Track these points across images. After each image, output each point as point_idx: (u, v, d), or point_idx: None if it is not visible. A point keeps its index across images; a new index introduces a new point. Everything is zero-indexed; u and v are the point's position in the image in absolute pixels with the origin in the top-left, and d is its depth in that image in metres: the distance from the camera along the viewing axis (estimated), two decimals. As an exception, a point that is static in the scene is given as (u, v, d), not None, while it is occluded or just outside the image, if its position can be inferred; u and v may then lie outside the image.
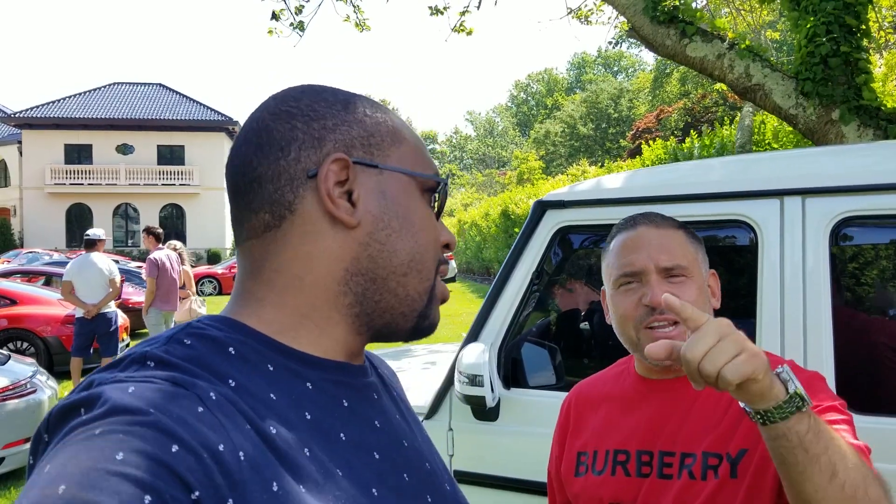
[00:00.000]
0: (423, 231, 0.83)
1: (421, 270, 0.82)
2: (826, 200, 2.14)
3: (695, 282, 1.39)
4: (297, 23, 7.40)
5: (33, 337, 9.73)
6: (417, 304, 0.82)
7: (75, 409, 0.62)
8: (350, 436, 0.75)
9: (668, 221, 1.45)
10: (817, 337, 2.09)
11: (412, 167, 0.83)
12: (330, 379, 0.78)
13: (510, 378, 2.60)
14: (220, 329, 0.74)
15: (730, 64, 5.55)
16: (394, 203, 0.80)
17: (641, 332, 1.39)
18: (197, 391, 0.64)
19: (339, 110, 0.80)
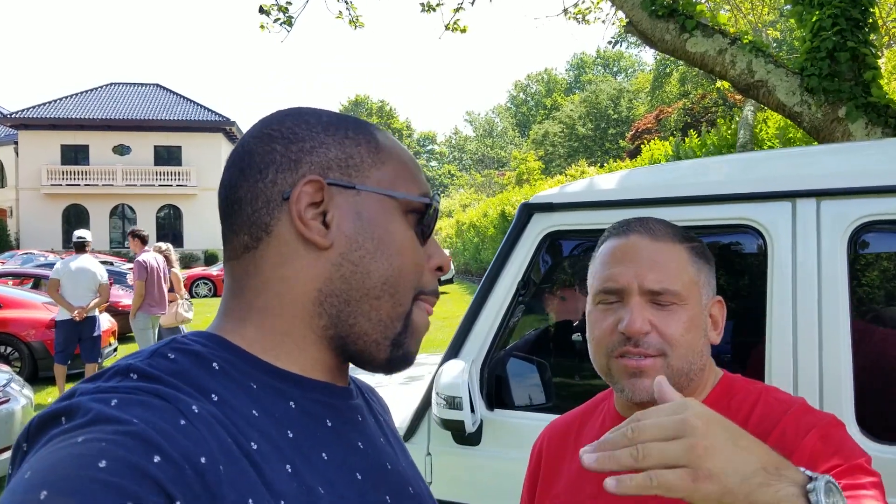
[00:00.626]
0: (400, 254, 0.81)
1: (394, 294, 0.80)
2: (843, 203, 1.91)
3: (687, 311, 1.16)
4: (286, 18, 7.19)
5: (17, 342, 9.51)
6: (390, 330, 0.80)
7: (56, 418, 0.62)
8: (332, 455, 0.76)
9: (668, 232, 1.21)
10: (834, 355, 1.86)
11: (395, 188, 0.82)
12: (314, 399, 0.78)
13: (494, 398, 2.37)
14: (204, 345, 0.75)
15: (731, 60, 5.33)
16: (369, 224, 0.80)
17: (613, 362, 1.18)
18: (179, 404, 0.65)
19: (318, 132, 0.81)
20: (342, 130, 0.82)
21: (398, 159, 0.84)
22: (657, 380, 0.88)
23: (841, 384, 1.85)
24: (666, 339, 1.14)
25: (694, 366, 1.17)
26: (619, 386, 1.17)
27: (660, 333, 1.14)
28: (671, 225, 1.23)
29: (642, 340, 1.13)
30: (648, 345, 1.14)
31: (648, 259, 1.17)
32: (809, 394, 1.85)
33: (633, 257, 1.18)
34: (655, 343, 1.14)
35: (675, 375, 1.14)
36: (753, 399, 1.18)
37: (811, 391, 1.86)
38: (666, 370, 1.14)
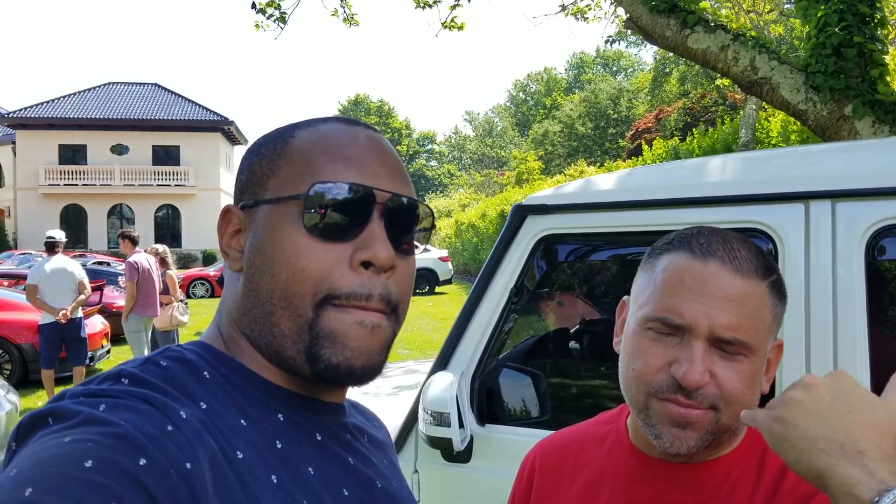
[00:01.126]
0: (283, 263, 0.75)
1: (287, 307, 0.75)
2: (860, 205, 1.77)
3: (753, 364, 0.97)
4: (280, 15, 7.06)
5: (7, 344, 9.35)
6: (299, 344, 0.75)
7: (44, 418, 0.63)
8: (319, 469, 0.75)
9: (753, 264, 0.99)
10: (851, 367, 1.72)
11: (286, 190, 0.77)
12: (304, 414, 0.78)
13: (485, 412, 2.23)
14: (197, 353, 0.76)
15: (734, 56, 5.19)
16: (258, 239, 0.78)
17: (654, 402, 0.99)
18: (167, 410, 0.65)
19: (243, 160, 0.83)
20: (259, 148, 0.82)
21: (304, 156, 0.78)
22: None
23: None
24: (723, 394, 0.96)
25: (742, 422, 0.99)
26: (654, 430, 1.00)
27: (718, 386, 0.96)
28: (757, 251, 1.02)
29: (696, 393, 0.96)
30: (703, 398, 0.96)
31: (726, 299, 0.96)
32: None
33: (710, 293, 0.97)
34: (710, 396, 0.96)
35: (721, 431, 0.98)
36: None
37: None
38: (714, 425, 0.97)
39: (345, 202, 0.75)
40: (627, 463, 1.09)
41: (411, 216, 0.81)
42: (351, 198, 0.75)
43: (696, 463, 1.04)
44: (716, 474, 1.02)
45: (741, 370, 0.97)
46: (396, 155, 0.85)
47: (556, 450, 1.22)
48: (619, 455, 1.11)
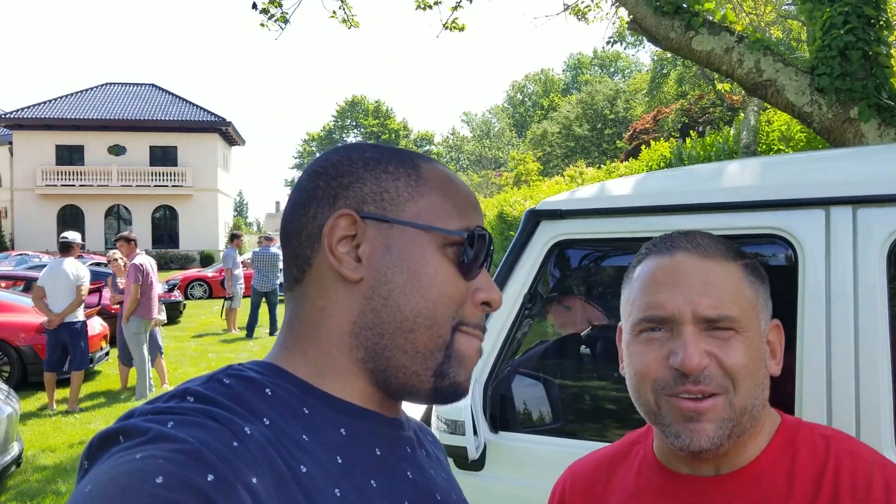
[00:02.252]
0: (434, 287, 0.80)
1: (430, 327, 0.79)
2: (882, 211, 1.74)
3: (747, 339, 0.99)
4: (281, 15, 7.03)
5: (6, 346, 9.30)
6: (430, 361, 0.79)
7: (114, 436, 0.64)
8: (381, 483, 0.76)
9: (719, 248, 1.05)
10: (872, 379, 1.69)
11: (431, 221, 0.81)
12: (364, 427, 0.79)
13: (499, 419, 2.20)
14: (258, 371, 0.77)
15: (739, 58, 5.17)
16: (400, 258, 0.79)
17: (663, 400, 1.00)
18: (232, 426, 0.66)
19: (357, 167, 0.82)
20: (383, 164, 0.83)
21: (441, 192, 0.83)
22: None
23: (881, 409, 1.68)
24: (728, 373, 0.98)
25: (757, 401, 1.01)
26: (671, 430, 1.00)
27: (720, 365, 0.98)
28: (720, 239, 1.07)
29: (702, 376, 0.97)
30: (709, 379, 0.98)
31: (700, 281, 1.00)
32: (845, 419, 1.69)
33: (682, 280, 1.01)
34: (716, 377, 0.98)
35: (739, 415, 0.98)
36: (822, 455, 1.01)
37: (847, 417, 1.69)
38: (728, 410, 0.98)
39: (482, 246, 0.83)
40: (655, 482, 1.09)
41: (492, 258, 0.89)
42: (484, 242, 0.84)
43: (724, 474, 1.02)
44: (744, 485, 1.01)
45: (737, 346, 0.99)
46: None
47: (586, 474, 1.22)
48: (648, 474, 1.11)
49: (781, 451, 1.03)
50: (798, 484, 0.99)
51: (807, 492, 0.98)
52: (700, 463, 1.04)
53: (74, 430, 7.50)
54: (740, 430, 0.99)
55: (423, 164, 0.85)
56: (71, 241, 8.13)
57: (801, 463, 1.01)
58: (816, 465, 1.00)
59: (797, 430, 1.06)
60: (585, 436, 2.14)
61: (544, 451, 2.13)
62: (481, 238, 0.83)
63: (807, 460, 1.01)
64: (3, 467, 5.47)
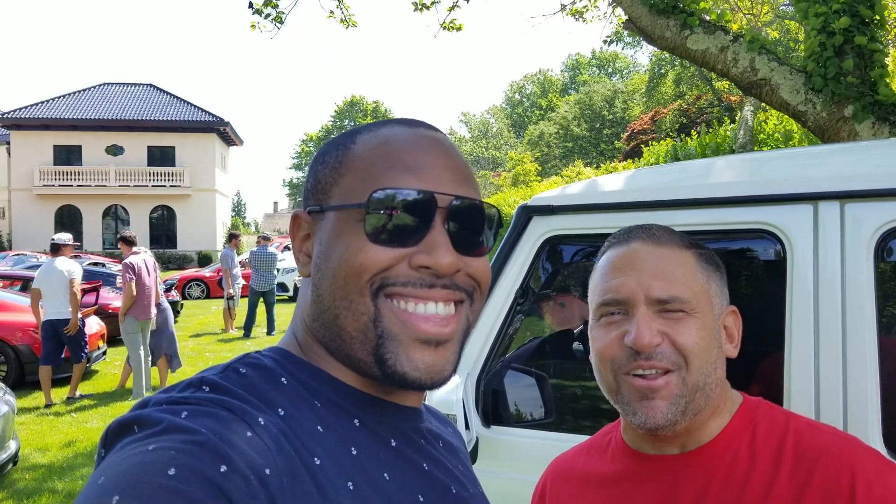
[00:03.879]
0: (343, 262, 0.76)
1: (348, 307, 0.76)
2: (869, 206, 1.75)
3: (699, 320, 1.06)
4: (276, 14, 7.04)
5: (3, 345, 9.32)
6: (367, 344, 0.76)
7: (129, 426, 0.64)
8: (395, 475, 0.75)
9: (673, 238, 1.12)
10: (860, 371, 1.71)
11: (349, 198, 0.78)
12: (379, 418, 0.79)
13: (491, 413, 2.22)
14: (275, 360, 0.77)
15: (734, 57, 5.19)
16: (325, 244, 0.79)
17: (622, 380, 1.07)
18: (247, 417, 0.66)
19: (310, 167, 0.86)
20: (323, 156, 0.84)
21: (364, 164, 0.79)
22: None
23: (867, 401, 1.70)
24: (679, 350, 1.05)
25: (709, 379, 1.07)
26: (630, 409, 1.07)
27: (672, 343, 1.05)
28: (675, 231, 1.15)
29: (655, 352, 1.04)
30: (662, 356, 1.04)
31: (653, 266, 1.08)
32: (832, 411, 1.71)
33: (637, 265, 1.09)
34: (669, 354, 1.05)
35: (691, 392, 1.05)
36: (782, 429, 1.07)
37: (834, 408, 1.71)
38: (682, 386, 1.05)
39: (404, 208, 0.75)
40: (626, 466, 1.15)
41: (479, 217, 0.80)
42: (410, 203, 0.76)
43: (689, 451, 1.09)
44: (709, 459, 1.07)
45: (689, 326, 1.05)
46: (460, 155, 0.84)
47: (564, 465, 1.28)
48: (619, 458, 1.17)
49: (742, 426, 1.09)
50: (759, 455, 1.05)
51: (768, 461, 1.04)
52: (664, 443, 1.10)
53: (70, 428, 7.50)
54: (695, 408, 1.05)
55: (359, 138, 0.82)
56: (60, 242, 8.36)
57: (760, 436, 1.07)
58: (776, 438, 1.06)
59: (757, 406, 1.13)
60: (576, 430, 2.16)
61: (536, 445, 2.15)
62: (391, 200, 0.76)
63: (766, 433, 1.07)
64: (0, 465, 5.48)
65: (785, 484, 1.02)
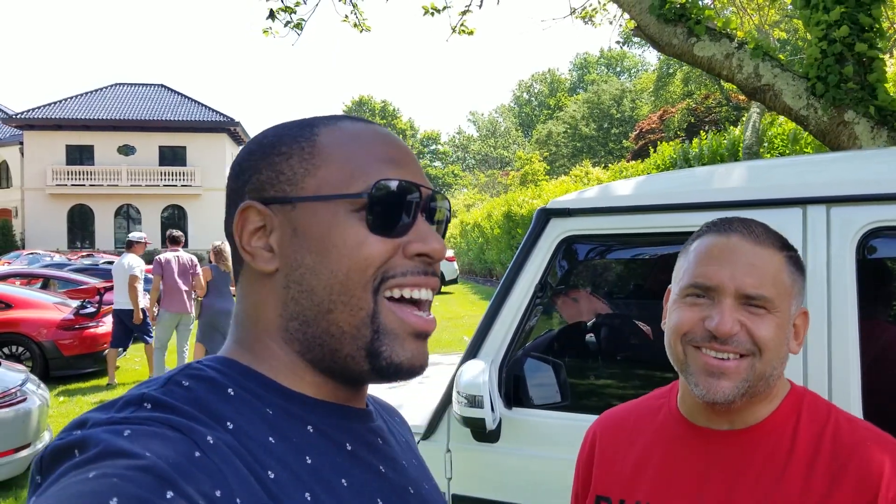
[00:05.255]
0: (344, 257, 0.75)
1: (347, 302, 0.75)
2: (853, 210, 1.98)
3: (777, 318, 1.15)
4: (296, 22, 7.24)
5: (28, 341, 9.56)
6: (359, 340, 0.75)
7: (69, 450, 0.60)
8: (352, 481, 0.74)
9: (771, 238, 1.19)
10: (843, 359, 1.93)
11: (334, 189, 0.77)
12: (331, 423, 0.76)
13: (512, 396, 2.44)
14: (219, 371, 0.73)
15: (738, 64, 5.39)
16: (306, 238, 0.76)
17: (691, 352, 1.17)
18: (193, 436, 0.63)
19: (255, 158, 0.80)
20: (276, 147, 0.80)
21: (341, 155, 0.79)
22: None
23: (850, 387, 1.91)
24: (756, 340, 1.13)
25: (776, 371, 1.16)
26: (692, 380, 1.17)
27: (749, 334, 1.13)
28: (773, 231, 1.21)
29: (731, 340, 1.13)
30: (737, 343, 1.13)
31: (747, 262, 1.14)
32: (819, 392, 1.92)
33: (732, 258, 1.15)
34: (744, 342, 1.13)
35: (757, 379, 1.14)
36: (823, 419, 1.18)
37: (820, 394, 1.92)
38: (749, 371, 1.13)
39: (400, 199, 0.77)
40: (675, 431, 1.26)
41: (445, 208, 0.85)
42: (405, 194, 0.78)
43: (738, 429, 1.19)
44: (754, 439, 1.18)
45: (768, 322, 1.14)
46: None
47: (615, 419, 1.39)
48: (669, 424, 1.28)
49: (788, 413, 1.19)
50: (800, 443, 1.16)
51: (807, 450, 1.15)
52: (716, 416, 1.21)
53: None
54: (754, 392, 1.15)
55: (322, 131, 0.81)
56: (132, 240, 9.27)
57: (804, 425, 1.17)
58: (817, 427, 1.17)
59: (803, 395, 1.23)
60: (588, 411, 2.38)
61: (552, 424, 2.37)
62: (392, 191, 0.77)
63: (808, 423, 1.17)
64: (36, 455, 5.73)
65: (820, 474, 1.11)
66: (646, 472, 1.27)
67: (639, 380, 2.50)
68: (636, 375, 2.55)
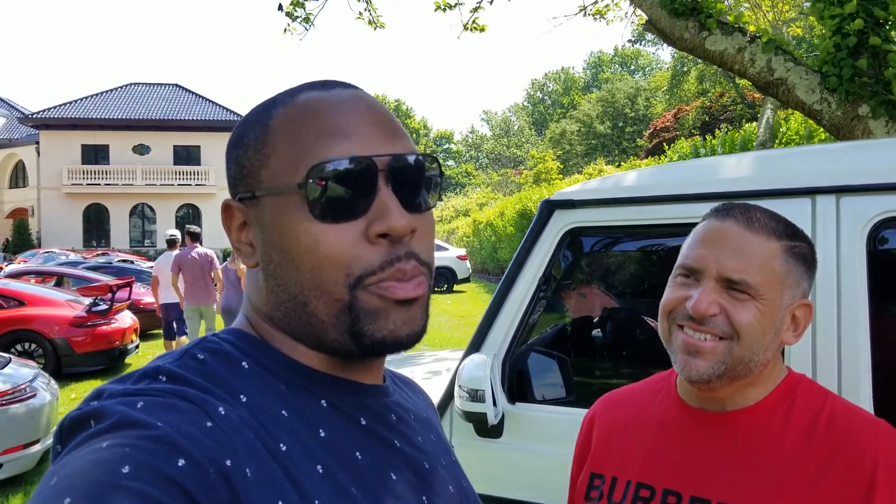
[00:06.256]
0: (304, 254, 0.72)
1: (321, 294, 0.72)
2: (863, 200, 1.93)
3: (761, 305, 1.13)
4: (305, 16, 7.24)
5: (41, 338, 9.61)
6: (340, 325, 0.73)
7: (85, 420, 0.62)
8: (366, 455, 0.74)
9: (767, 226, 1.17)
10: (853, 352, 1.88)
11: (283, 177, 0.73)
12: (346, 398, 0.76)
13: (515, 391, 2.41)
14: (234, 344, 0.74)
15: (751, 58, 5.32)
16: (270, 233, 0.75)
17: (675, 331, 1.19)
18: (206, 406, 0.64)
19: (229, 153, 0.80)
20: (240, 140, 0.78)
21: (288, 138, 0.74)
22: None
23: (860, 380, 1.87)
24: (733, 324, 1.13)
25: (756, 357, 1.15)
26: (674, 357, 1.19)
27: (727, 317, 1.13)
28: (778, 220, 1.20)
29: (708, 321, 1.14)
30: (714, 325, 1.14)
31: (735, 247, 1.14)
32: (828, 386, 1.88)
33: (721, 243, 1.16)
34: (721, 325, 1.14)
35: (735, 362, 1.14)
36: (818, 405, 1.18)
37: (830, 388, 1.88)
38: (726, 354, 1.14)
39: (345, 179, 0.71)
40: (670, 412, 1.27)
41: (419, 172, 0.76)
42: (350, 172, 0.71)
43: (729, 411, 1.20)
44: (745, 421, 1.19)
45: (749, 308, 1.13)
46: (385, 109, 0.79)
47: (615, 401, 1.41)
48: (666, 405, 1.29)
49: (781, 397, 1.19)
50: (792, 426, 1.16)
51: (799, 433, 1.15)
52: (706, 397, 1.22)
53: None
54: (733, 375, 1.15)
55: (276, 112, 0.77)
56: (174, 238, 10.17)
57: (797, 409, 1.17)
58: (811, 412, 1.16)
59: (798, 382, 1.23)
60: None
61: (556, 420, 2.33)
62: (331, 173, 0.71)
63: (802, 407, 1.17)
64: (45, 450, 5.75)
65: (812, 456, 1.11)
66: (639, 451, 1.28)
67: (645, 374, 2.44)
68: (641, 369, 2.51)
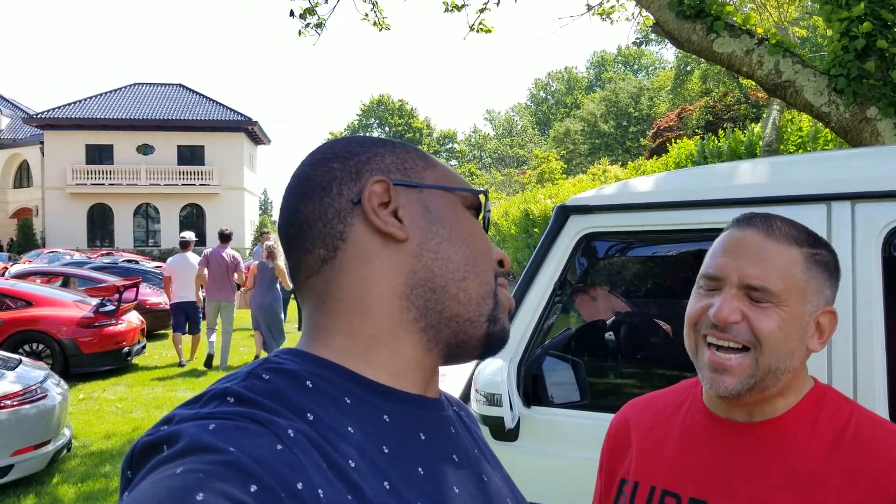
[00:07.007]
0: (474, 238, 0.85)
1: (479, 273, 0.83)
2: (879, 206, 1.94)
3: (784, 312, 1.14)
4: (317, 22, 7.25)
5: (49, 339, 9.64)
6: (483, 307, 0.82)
7: (157, 445, 0.63)
8: (428, 470, 0.75)
9: (788, 233, 1.18)
10: (868, 358, 1.89)
11: (449, 184, 0.87)
12: (407, 412, 0.78)
13: (531, 395, 2.43)
14: (296, 362, 0.75)
15: (759, 60, 5.33)
16: (439, 214, 0.83)
17: (701, 346, 1.20)
18: (275, 428, 0.65)
19: (370, 146, 0.85)
20: (390, 144, 0.87)
21: (444, 166, 0.90)
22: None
23: (875, 386, 1.88)
24: (756, 332, 1.14)
25: (783, 365, 1.15)
26: (702, 373, 1.20)
27: (750, 325, 1.14)
28: (799, 228, 1.21)
29: (731, 328, 1.14)
30: (736, 333, 1.14)
31: (756, 255, 1.16)
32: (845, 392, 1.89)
33: (742, 251, 1.17)
34: (744, 333, 1.14)
35: (762, 372, 1.14)
36: (845, 417, 1.18)
37: (845, 393, 1.89)
38: (753, 366, 1.14)
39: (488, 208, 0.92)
40: (696, 421, 1.28)
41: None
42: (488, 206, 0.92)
43: (755, 422, 1.21)
44: (770, 432, 1.19)
45: (771, 315, 1.14)
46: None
47: (641, 407, 1.42)
48: (691, 414, 1.30)
49: (808, 408, 1.19)
50: (818, 437, 1.16)
51: (826, 444, 1.15)
52: (734, 408, 1.22)
53: (116, 418, 7.82)
54: (762, 387, 1.15)
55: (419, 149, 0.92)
56: (187, 240, 11.16)
57: (823, 420, 1.17)
58: (838, 424, 1.16)
59: (825, 393, 1.23)
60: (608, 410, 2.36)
61: (572, 424, 2.35)
62: (485, 200, 0.91)
63: (829, 419, 1.17)
64: (56, 451, 5.78)
65: (838, 468, 1.11)
66: (663, 457, 1.29)
67: (660, 378, 2.47)
68: (657, 374, 2.53)
